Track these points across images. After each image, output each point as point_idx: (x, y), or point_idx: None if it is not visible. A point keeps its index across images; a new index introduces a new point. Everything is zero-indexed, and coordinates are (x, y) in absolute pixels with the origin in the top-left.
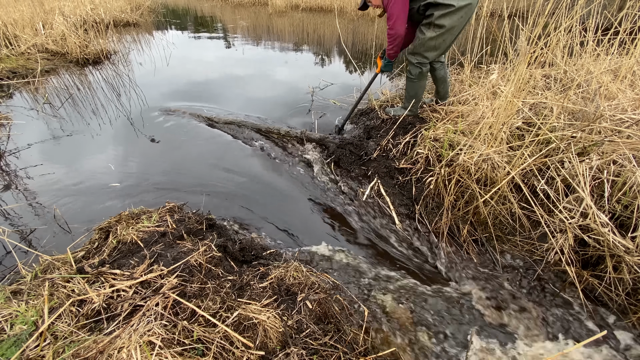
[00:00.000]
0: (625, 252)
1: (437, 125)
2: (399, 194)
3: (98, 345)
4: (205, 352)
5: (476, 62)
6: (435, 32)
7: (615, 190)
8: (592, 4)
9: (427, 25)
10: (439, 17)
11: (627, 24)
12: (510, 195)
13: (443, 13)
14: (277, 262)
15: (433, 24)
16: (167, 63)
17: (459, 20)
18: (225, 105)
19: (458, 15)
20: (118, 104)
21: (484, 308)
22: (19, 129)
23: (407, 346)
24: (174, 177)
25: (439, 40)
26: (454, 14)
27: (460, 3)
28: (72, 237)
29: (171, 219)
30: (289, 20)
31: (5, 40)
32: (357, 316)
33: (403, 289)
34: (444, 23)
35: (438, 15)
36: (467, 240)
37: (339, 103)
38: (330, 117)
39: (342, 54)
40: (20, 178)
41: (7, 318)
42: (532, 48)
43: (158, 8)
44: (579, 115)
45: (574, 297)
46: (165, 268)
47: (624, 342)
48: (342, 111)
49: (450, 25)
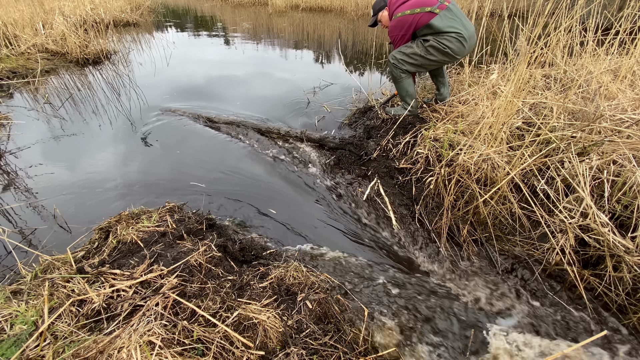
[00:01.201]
0: (625, 252)
1: (437, 125)
2: (398, 194)
3: (98, 345)
4: (205, 352)
5: (476, 62)
6: (422, 52)
7: (615, 190)
8: (592, 4)
9: (422, 41)
10: (432, 47)
11: (627, 24)
12: (510, 195)
13: (436, 46)
14: (277, 262)
15: (425, 46)
16: (167, 63)
17: (443, 59)
18: (225, 105)
19: (446, 57)
20: (118, 104)
21: (483, 307)
22: (19, 129)
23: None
24: (174, 177)
25: (421, 60)
26: (442, 54)
27: (453, 50)
28: (72, 237)
29: (171, 219)
30: (289, 20)
31: (5, 40)
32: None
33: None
34: (432, 53)
35: (432, 44)
36: (467, 240)
37: (329, 109)
38: (331, 117)
39: (342, 54)
40: (20, 178)
41: (7, 318)
42: (532, 48)
43: (158, 8)
44: (579, 115)
45: (574, 296)
46: (165, 268)
47: (624, 342)
48: (342, 112)
49: (435, 58)
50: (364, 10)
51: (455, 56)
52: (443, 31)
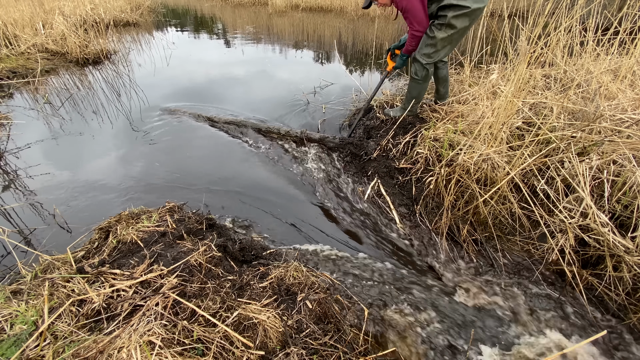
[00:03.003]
0: (625, 252)
1: (437, 125)
2: (399, 193)
3: (98, 345)
4: (205, 351)
5: (476, 62)
6: (446, 32)
7: (615, 190)
8: (592, 4)
9: (438, 25)
10: (453, 18)
11: (627, 23)
12: (510, 195)
13: (457, 14)
14: (277, 262)
15: (445, 24)
16: (167, 63)
17: (470, 21)
18: (225, 105)
19: (471, 17)
20: (118, 104)
21: (483, 307)
22: (19, 129)
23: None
24: (174, 177)
25: (449, 40)
26: (467, 16)
27: (474, 5)
28: (72, 237)
29: (171, 219)
30: (289, 20)
31: (5, 40)
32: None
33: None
34: (456, 24)
35: (452, 16)
36: (467, 240)
37: (329, 109)
38: (331, 118)
39: (342, 54)
40: (20, 178)
41: (7, 318)
42: (532, 48)
43: (158, 8)
44: (579, 115)
45: (574, 296)
46: (165, 268)
47: (624, 342)
48: (340, 112)
49: (462, 26)
50: (364, 10)
51: (479, 9)
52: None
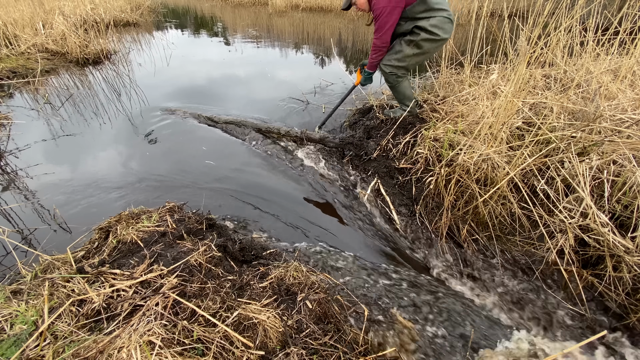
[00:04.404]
0: (625, 252)
1: (437, 125)
2: (398, 193)
3: (98, 345)
4: (205, 351)
5: (476, 62)
6: (412, 50)
7: (615, 190)
8: (592, 4)
9: (408, 42)
10: (422, 40)
11: (627, 24)
12: (510, 195)
13: (428, 38)
14: (277, 262)
15: (415, 42)
16: (167, 63)
17: (435, 48)
18: (226, 105)
19: (436, 44)
20: (118, 104)
21: (484, 306)
22: (19, 129)
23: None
24: (174, 177)
25: (415, 58)
26: (434, 42)
27: (443, 36)
28: (72, 237)
29: (171, 219)
30: (289, 20)
31: (5, 40)
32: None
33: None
34: (424, 46)
35: (423, 37)
36: (467, 240)
37: (324, 109)
38: (331, 117)
39: (342, 54)
40: (20, 178)
41: (7, 318)
42: (532, 48)
43: (158, 8)
44: (579, 115)
45: (574, 296)
46: (165, 268)
47: (624, 342)
48: (340, 112)
49: (427, 49)
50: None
51: (445, 39)
52: (434, 8)
